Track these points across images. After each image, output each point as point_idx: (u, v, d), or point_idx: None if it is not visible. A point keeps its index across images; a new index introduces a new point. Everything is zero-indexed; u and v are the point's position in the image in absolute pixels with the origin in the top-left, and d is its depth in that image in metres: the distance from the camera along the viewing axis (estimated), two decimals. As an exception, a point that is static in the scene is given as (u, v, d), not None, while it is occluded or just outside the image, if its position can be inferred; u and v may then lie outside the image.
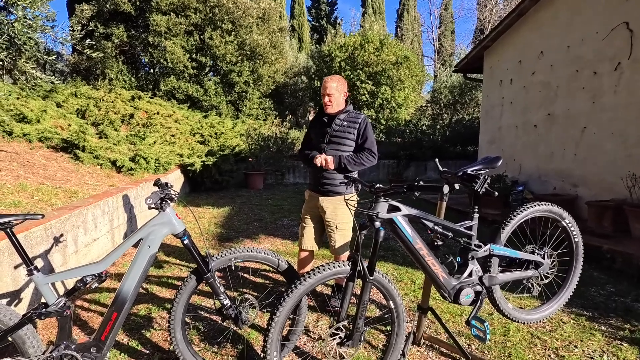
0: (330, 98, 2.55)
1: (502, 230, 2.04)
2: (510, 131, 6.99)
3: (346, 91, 2.62)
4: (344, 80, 2.63)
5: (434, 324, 2.59)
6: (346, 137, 2.57)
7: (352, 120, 2.57)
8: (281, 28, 13.36)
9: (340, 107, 2.60)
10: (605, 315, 2.74)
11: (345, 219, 2.61)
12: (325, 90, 2.55)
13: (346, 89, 2.62)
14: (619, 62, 4.89)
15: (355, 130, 2.56)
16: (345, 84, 2.63)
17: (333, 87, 2.53)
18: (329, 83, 2.55)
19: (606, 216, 4.65)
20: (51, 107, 6.21)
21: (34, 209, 3.05)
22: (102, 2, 10.24)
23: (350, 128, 2.56)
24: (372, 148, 2.56)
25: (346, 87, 2.62)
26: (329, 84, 2.54)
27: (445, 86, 14.72)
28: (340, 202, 2.58)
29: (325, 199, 2.62)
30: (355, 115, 2.60)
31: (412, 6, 27.24)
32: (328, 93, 2.54)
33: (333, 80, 2.56)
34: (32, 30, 3.46)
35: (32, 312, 1.67)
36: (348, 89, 2.77)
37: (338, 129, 2.58)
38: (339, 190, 2.58)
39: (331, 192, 2.60)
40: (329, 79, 2.58)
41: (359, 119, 2.58)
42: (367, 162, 2.53)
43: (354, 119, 2.58)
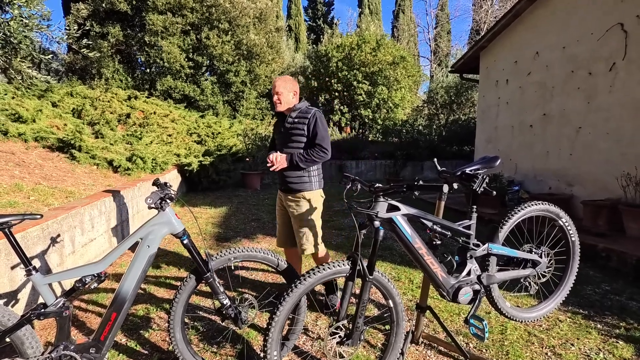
0: (279, 97, 2.57)
1: (500, 229, 2.06)
2: (506, 131, 7.03)
3: (296, 90, 2.64)
4: (293, 80, 2.67)
5: (433, 323, 2.61)
6: (298, 133, 2.57)
7: (303, 116, 2.57)
8: (278, 28, 13.34)
9: (290, 105, 2.61)
10: (601, 314, 2.77)
11: (307, 217, 2.62)
12: (274, 89, 2.59)
13: (296, 88, 2.65)
14: (614, 63, 4.94)
15: (305, 127, 2.54)
16: (295, 83, 2.66)
17: (281, 86, 2.57)
18: (277, 82, 2.59)
19: (601, 215, 4.69)
20: (47, 107, 6.16)
21: (30, 209, 3.03)
22: (97, 1, 10.18)
23: (301, 124, 2.55)
24: (322, 143, 2.51)
25: (296, 87, 2.65)
26: (277, 83, 2.59)
27: (442, 86, 14.78)
28: (302, 200, 2.60)
29: (288, 196, 2.65)
30: (306, 110, 2.59)
31: (408, 7, 27.32)
32: (277, 92, 2.57)
33: (281, 79, 2.61)
34: (28, 29, 3.44)
35: (30, 312, 1.66)
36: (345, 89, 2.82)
37: (290, 126, 2.60)
38: (299, 188, 2.59)
39: (293, 190, 2.61)
40: (277, 78, 2.63)
41: (308, 114, 2.56)
42: (317, 158, 2.51)
43: (304, 114, 2.57)
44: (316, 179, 2.65)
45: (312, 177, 2.62)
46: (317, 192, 2.65)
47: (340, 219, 5.81)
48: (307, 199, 2.61)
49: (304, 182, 2.60)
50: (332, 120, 13.64)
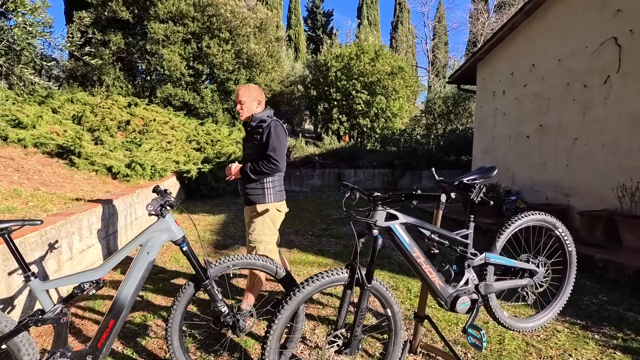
0: (242, 106, 2.54)
1: (497, 239, 2.07)
2: (503, 141, 7.10)
3: (260, 99, 2.59)
4: (258, 89, 2.61)
5: (431, 332, 2.60)
6: (255, 143, 2.51)
7: (259, 126, 2.51)
8: (278, 38, 13.49)
9: (250, 114, 2.56)
10: (599, 324, 2.77)
11: (257, 231, 2.54)
12: (237, 98, 2.55)
13: (261, 97, 2.59)
14: (609, 76, 5.02)
15: (259, 136, 2.48)
16: (260, 92, 2.61)
17: (244, 95, 2.53)
18: (240, 90, 2.56)
19: (598, 226, 4.72)
20: (47, 113, 6.18)
21: (28, 215, 3.03)
22: (100, 10, 10.29)
23: (256, 134, 2.50)
24: (271, 154, 2.40)
25: (261, 95, 2.59)
26: (239, 92, 2.55)
27: (439, 97, 14.93)
28: (254, 212, 2.55)
29: (246, 207, 2.63)
30: (263, 119, 2.53)
31: (406, 18, 27.75)
32: (239, 100, 2.54)
33: (244, 88, 2.57)
34: (31, 36, 3.48)
35: (28, 318, 1.66)
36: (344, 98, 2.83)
37: (248, 136, 2.58)
38: (254, 200, 2.53)
39: (249, 201, 2.57)
40: (240, 87, 2.58)
41: (264, 123, 2.49)
42: (266, 169, 2.41)
43: (261, 123, 2.51)
44: (271, 191, 2.53)
45: (266, 189, 2.52)
46: (271, 205, 2.53)
47: (339, 227, 5.81)
48: (259, 212, 2.52)
49: (257, 195, 2.52)
50: (330, 128, 13.72)
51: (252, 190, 2.54)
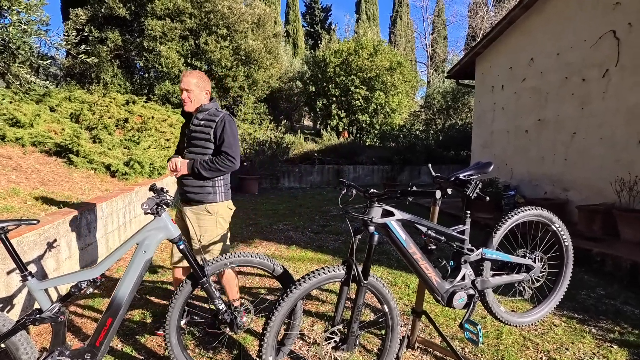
0: (189, 95, 2.30)
1: (494, 234, 2.08)
2: (502, 136, 7.09)
3: (209, 89, 2.40)
4: (207, 78, 2.41)
5: (428, 328, 2.62)
6: (203, 138, 2.29)
7: (210, 119, 2.30)
8: (276, 33, 13.43)
9: (199, 104, 2.35)
10: (596, 318, 2.79)
11: (209, 233, 2.34)
12: (183, 85, 2.29)
13: (209, 87, 2.40)
14: (607, 69, 5.01)
15: (211, 131, 2.28)
16: (208, 81, 2.40)
17: (192, 83, 2.29)
18: (188, 78, 2.29)
19: (596, 220, 4.73)
20: (45, 111, 6.16)
21: (27, 214, 3.03)
22: (96, 7, 10.23)
23: (207, 128, 2.29)
24: (228, 151, 2.25)
25: (209, 85, 2.40)
26: (187, 79, 2.29)
27: (438, 92, 14.90)
28: (204, 213, 2.32)
29: (187, 208, 2.35)
30: (214, 112, 2.33)
31: (405, 13, 27.59)
32: (186, 88, 2.29)
33: (193, 75, 2.32)
34: (27, 34, 3.46)
35: (26, 318, 1.66)
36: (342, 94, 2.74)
37: (196, 129, 2.31)
38: (201, 199, 2.31)
39: (192, 200, 2.33)
40: (188, 73, 2.32)
41: (216, 117, 2.30)
42: (223, 167, 2.24)
43: (211, 117, 2.30)
44: (222, 189, 2.37)
45: (216, 187, 2.34)
46: (222, 204, 2.37)
47: (338, 223, 5.82)
48: (209, 211, 2.33)
49: (207, 193, 2.31)
50: (329, 124, 13.70)
51: (200, 189, 2.31)
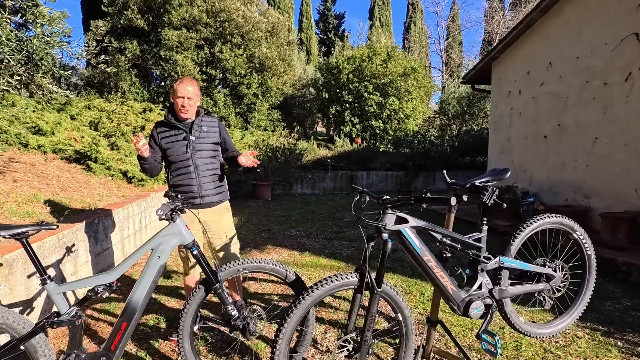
0: (190, 102, 2.36)
1: (512, 242, 2.02)
2: (519, 142, 6.94)
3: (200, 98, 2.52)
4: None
5: (444, 338, 2.55)
6: (214, 142, 2.49)
7: (212, 125, 2.51)
8: (289, 41, 13.57)
9: (194, 112, 2.45)
10: (622, 330, 2.66)
11: (231, 228, 2.59)
12: (184, 93, 2.32)
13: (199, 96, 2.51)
14: (630, 73, 4.85)
15: (218, 134, 2.51)
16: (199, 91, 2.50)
17: (192, 91, 2.35)
18: (187, 86, 2.33)
19: (621, 228, 4.55)
20: (65, 120, 6.37)
21: (47, 219, 3.11)
22: (116, 18, 10.56)
23: (214, 133, 2.49)
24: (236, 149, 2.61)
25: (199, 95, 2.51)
26: (187, 87, 2.33)
27: (454, 97, 14.74)
28: (223, 211, 2.54)
29: (205, 211, 2.45)
30: (211, 119, 2.54)
31: (419, 19, 27.52)
32: (188, 96, 2.33)
33: (192, 83, 2.38)
34: (49, 46, 3.59)
35: (44, 320, 1.70)
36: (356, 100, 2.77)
37: (202, 135, 2.44)
38: (219, 199, 2.51)
39: (211, 202, 2.47)
40: (186, 81, 2.36)
41: (215, 122, 2.54)
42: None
43: (212, 122, 2.52)
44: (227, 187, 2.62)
45: (225, 185, 2.60)
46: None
47: (351, 230, 5.78)
48: (227, 208, 2.59)
49: (223, 192, 2.55)
50: (343, 131, 13.69)
51: (218, 189, 2.51)
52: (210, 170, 2.46)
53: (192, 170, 2.41)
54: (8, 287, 2.12)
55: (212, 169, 2.48)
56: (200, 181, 2.42)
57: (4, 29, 3.03)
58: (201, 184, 2.42)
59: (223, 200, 2.54)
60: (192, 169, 2.41)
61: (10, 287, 2.14)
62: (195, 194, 2.42)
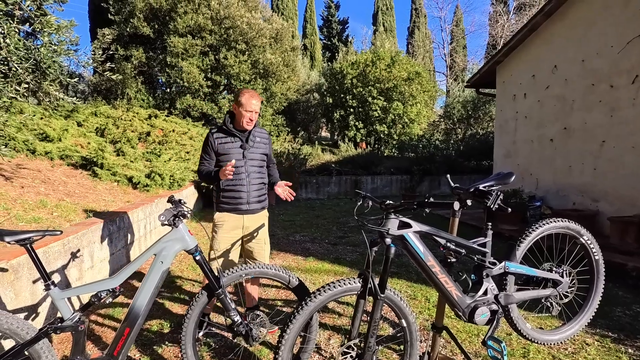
0: (255, 116, 2.50)
1: (518, 247, 1.99)
2: (525, 145, 6.88)
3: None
4: None
5: (450, 344, 2.51)
6: (264, 152, 2.64)
7: (264, 137, 2.65)
8: (293, 47, 13.66)
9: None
10: (632, 337, 2.61)
11: (267, 234, 2.74)
12: (254, 108, 2.47)
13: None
14: (637, 75, 4.80)
15: (268, 147, 2.67)
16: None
17: (259, 106, 2.51)
18: (257, 101, 2.48)
19: (630, 232, 4.48)
20: (72, 126, 6.44)
21: (53, 225, 3.13)
22: (122, 27, 10.72)
23: (265, 145, 2.64)
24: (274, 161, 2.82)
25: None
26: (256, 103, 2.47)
27: (458, 101, 14.70)
28: (264, 217, 2.69)
29: (249, 217, 2.58)
30: (262, 130, 2.67)
31: (423, 23, 27.58)
32: (256, 111, 2.49)
33: (259, 99, 2.52)
34: (56, 54, 3.64)
35: (48, 326, 1.70)
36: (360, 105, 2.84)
37: (256, 146, 2.58)
38: (263, 206, 2.67)
39: (257, 209, 2.62)
40: (255, 96, 2.48)
41: (266, 133, 2.68)
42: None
43: (263, 133, 2.66)
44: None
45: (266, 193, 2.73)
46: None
47: (355, 235, 5.75)
48: (267, 215, 2.73)
49: (266, 200, 2.69)
50: (347, 135, 13.70)
51: (264, 197, 2.66)
52: (258, 179, 2.59)
53: (244, 178, 2.51)
54: (13, 293, 2.13)
55: (260, 178, 2.61)
56: (250, 189, 2.54)
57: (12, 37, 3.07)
58: (250, 192, 2.55)
59: (265, 208, 2.69)
60: (244, 177, 2.51)
61: (16, 293, 2.16)
62: (244, 200, 2.54)
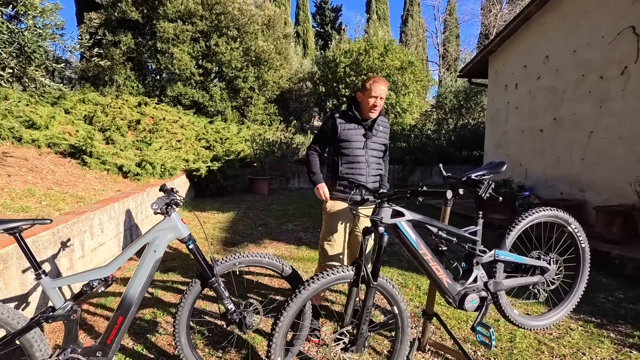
0: (381, 102, 2.36)
1: (507, 235, 2.03)
2: (516, 136, 6.95)
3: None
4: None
5: (440, 330, 2.57)
6: (383, 142, 2.54)
7: (386, 126, 2.55)
8: (286, 34, 13.46)
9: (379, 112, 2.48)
10: (615, 322, 2.70)
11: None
12: (380, 93, 2.32)
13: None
14: (626, 66, 4.86)
15: (387, 137, 2.58)
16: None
17: (385, 91, 2.34)
18: (383, 86, 2.32)
19: (615, 221, 4.59)
20: (59, 114, 6.31)
21: (41, 214, 3.09)
22: (110, 11, 10.42)
23: (386, 135, 2.55)
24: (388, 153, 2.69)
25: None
26: (383, 87, 2.31)
27: (450, 91, 14.71)
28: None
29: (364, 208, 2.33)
30: (384, 119, 2.56)
31: (417, 12, 27.35)
32: (382, 96, 2.34)
33: (386, 83, 2.36)
34: (41, 38, 3.53)
35: (39, 315, 1.69)
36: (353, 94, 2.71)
37: (378, 134, 2.49)
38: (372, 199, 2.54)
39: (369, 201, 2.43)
40: (381, 80, 2.33)
41: (387, 123, 2.57)
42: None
43: (385, 123, 2.56)
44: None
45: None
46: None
47: (348, 224, 5.78)
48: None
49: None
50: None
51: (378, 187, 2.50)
52: (376, 169, 2.51)
53: (365, 167, 2.43)
54: (3, 282, 2.11)
55: (378, 168, 2.53)
56: (368, 179, 2.45)
57: (-6, 20, 2.98)
58: (368, 181, 2.46)
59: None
60: (364, 165, 2.43)
61: (5, 282, 2.13)
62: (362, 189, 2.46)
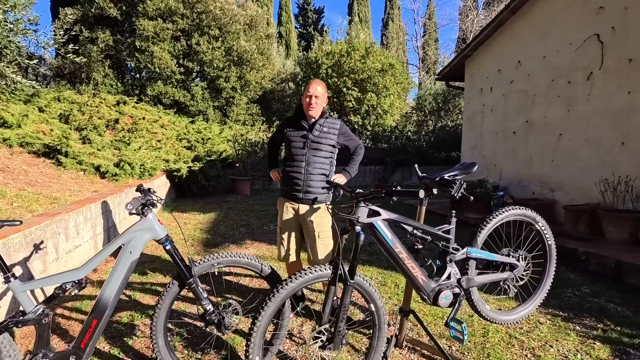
0: (317, 100, 2.52)
1: (479, 233, 2.11)
2: (491, 138, 7.18)
3: (327, 100, 2.65)
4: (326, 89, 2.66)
5: (416, 327, 2.64)
6: (329, 143, 2.56)
7: (333, 127, 2.59)
8: (268, 35, 13.43)
9: (320, 112, 2.59)
10: (580, 316, 2.84)
11: (327, 228, 2.59)
12: (313, 92, 2.50)
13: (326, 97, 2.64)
14: (591, 72, 5.11)
15: (336, 136, 2.58)
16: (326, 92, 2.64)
17: (320, 91, 2.52)
18: (316, 85, 2.52)
19: (582, 220, 4.81)
20: (33, 112, 6.08)
21: (13, 216, 2.99)
22: (87, 7, 10.13)
23: (332, 134, 2.57)
24: (359, 144, 2.72)
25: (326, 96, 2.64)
26: (315, 86, 2.52)
27: (430, 93, 15.02)
28: (324, 211, 2.57)
29: (305, 206, 2.56)
30: (333, 120, 2.61)
31: (397, 15, 27.78)
32: (316, 95, 2.50)
33: (321, 84, 2.56)
34: (13, 34, 3.43)
35: (8, 320, 1.65)
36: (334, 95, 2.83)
37: (320, 135, 2.55)
38: (322, 200, 2.56)
39: (316, 201, 2.56)
40: (316, 81, 2.57)
41: (337, 124, 2.61)
42: (360, 158, 2.72)
43: (333, 124, 2.60)
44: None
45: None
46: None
47: (329, 224, 5.83)
48: (325, 209, 2.57)
49: (326, 194, 2.57)
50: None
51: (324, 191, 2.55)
52: (319, 169, 2.53)
53: (303, 166, 2.52)
54: (-30, 287, 2.04)
55: (322, 169, 2.55)
56: (307, 177, 2.51)
57: (-39, 15, 2.88)
58: (307, 181, 2.51)
59: (322, 202, 2.55)
60: (303, 164, 2.52)
61: (-27, 287, 2.06)
62: (300, 188, 2.53)
